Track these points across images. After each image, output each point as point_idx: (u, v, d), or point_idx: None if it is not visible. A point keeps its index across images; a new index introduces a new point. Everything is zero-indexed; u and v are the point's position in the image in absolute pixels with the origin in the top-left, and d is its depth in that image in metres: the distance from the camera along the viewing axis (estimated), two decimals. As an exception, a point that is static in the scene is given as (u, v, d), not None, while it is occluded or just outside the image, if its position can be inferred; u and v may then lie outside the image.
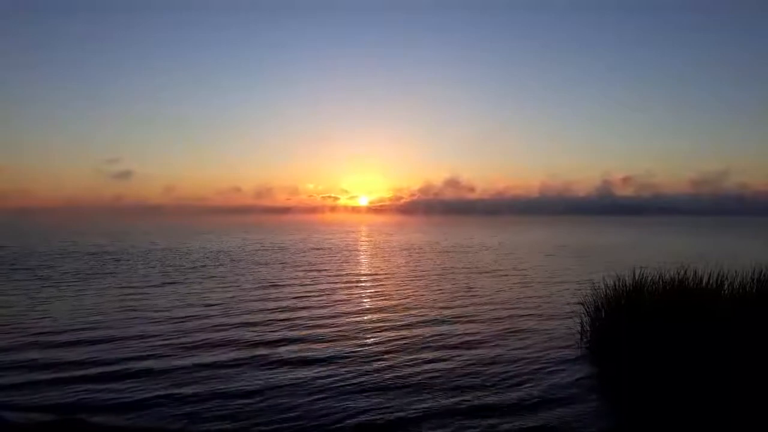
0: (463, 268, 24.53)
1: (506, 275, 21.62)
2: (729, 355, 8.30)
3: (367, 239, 49.07)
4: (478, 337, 10.91)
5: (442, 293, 16.84)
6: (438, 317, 12.98)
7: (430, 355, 9.60)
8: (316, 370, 8.64)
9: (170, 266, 24.29)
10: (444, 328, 11.73)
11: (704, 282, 10.10)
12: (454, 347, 10.17)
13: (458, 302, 15.10)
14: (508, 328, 11.73)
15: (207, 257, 29.19)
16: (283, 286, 18.22)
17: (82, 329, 11.31)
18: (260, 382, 8.07)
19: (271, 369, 8.75)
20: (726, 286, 10.10)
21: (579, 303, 11.29)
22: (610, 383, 8.51)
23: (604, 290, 10.49)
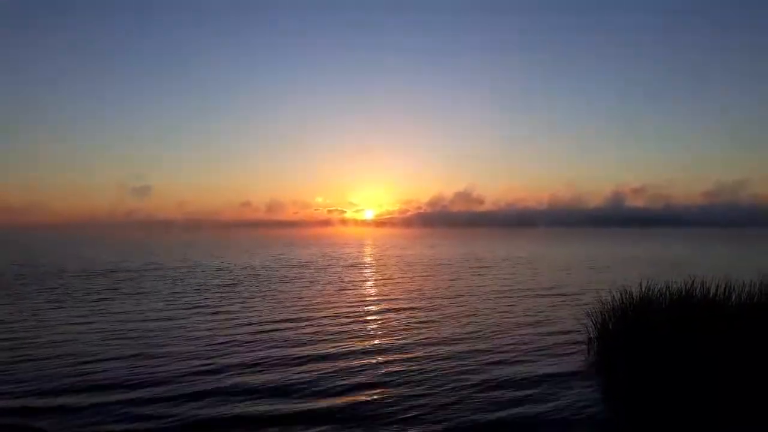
0: (493, 286, 24.45)
1: (536, 291, 21.65)
2: (737, 366, 8.37)
3: (381, 254, 48.92)
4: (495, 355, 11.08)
5: (463, 308, 17.03)
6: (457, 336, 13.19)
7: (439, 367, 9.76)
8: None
9: (204, 285, 24.03)
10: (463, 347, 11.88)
11: (711, 293, 10.21)
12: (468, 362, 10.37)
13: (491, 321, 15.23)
14: (519, 343, 11.91)
15: (240, 274, 29.08)
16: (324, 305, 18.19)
17: (112, 357, 10.55)
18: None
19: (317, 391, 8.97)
20: (734, 297, 10.21)
21: (587, 315, 11.42)
22: (616, 395, 8.60)
23: (611, 303, 10.65)
